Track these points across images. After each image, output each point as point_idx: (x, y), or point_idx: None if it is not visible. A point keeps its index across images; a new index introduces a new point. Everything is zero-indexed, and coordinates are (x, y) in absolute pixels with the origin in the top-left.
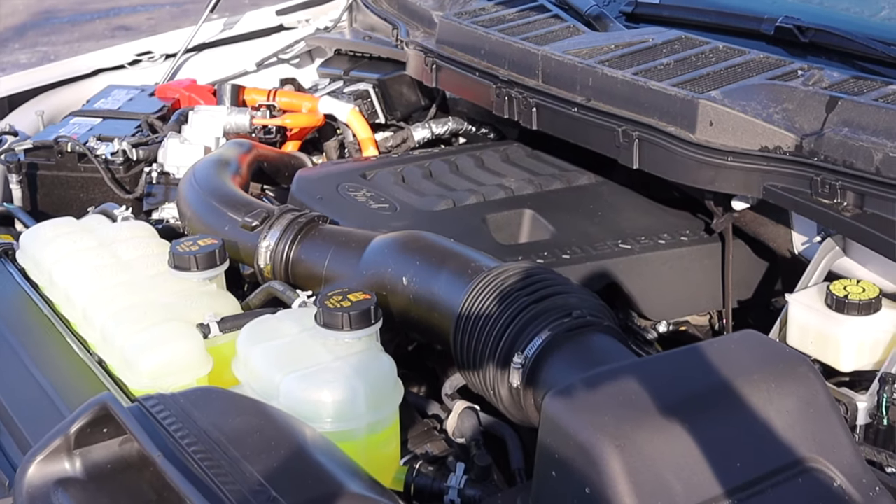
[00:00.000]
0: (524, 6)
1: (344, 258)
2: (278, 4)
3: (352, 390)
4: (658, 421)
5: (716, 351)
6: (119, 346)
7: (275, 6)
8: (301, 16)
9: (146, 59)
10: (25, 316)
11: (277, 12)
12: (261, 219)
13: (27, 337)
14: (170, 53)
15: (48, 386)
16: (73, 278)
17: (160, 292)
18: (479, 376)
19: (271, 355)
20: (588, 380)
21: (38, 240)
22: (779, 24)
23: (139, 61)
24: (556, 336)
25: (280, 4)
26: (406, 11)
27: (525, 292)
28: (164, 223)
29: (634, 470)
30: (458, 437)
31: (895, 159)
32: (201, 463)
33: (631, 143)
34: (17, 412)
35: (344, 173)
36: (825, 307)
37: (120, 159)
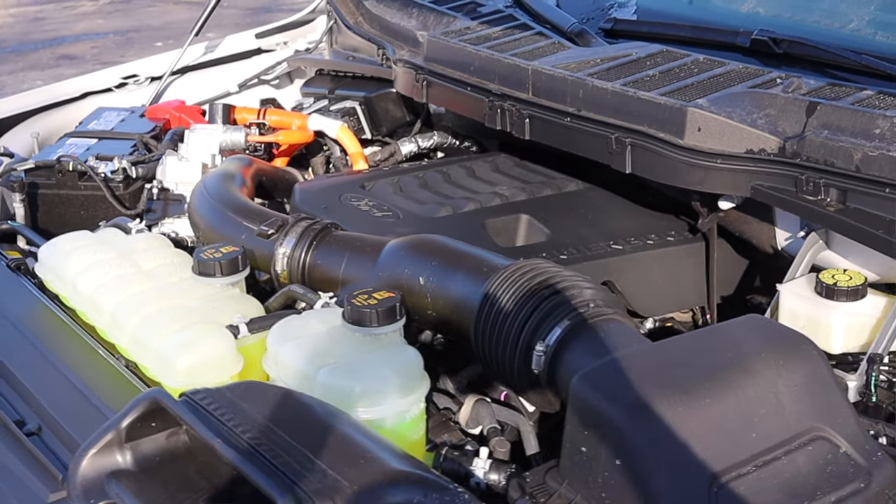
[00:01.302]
0: (508, 25)
1: (360, 262)
2: (257, 28)
3: (383, 380)
4: (680, 396)
5: (726, 332)
6: (154, 348)
7: (254, 30)
8: (279, 38)
9: (132, 81)
10: (49, 324)
11: (256, 35)
12: (276, 227)
13: (55, 343)
14: (155, 76)
15: (83, 387)
16: (98, 286)
17: (186, 297)
18: (500, 366)
19: (303, 351)
20: (612, 362)
21: (58, 252)
22: (754, 37)
23: (125, 84)
24: (575, 325)
25: (259, 28)
26: (388, 32)
27: (542, 286)
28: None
29: (661, 441)
30: (472, 427)
31: (873, 158)
32: (258, 448)
33: (623, 149)
34: (57, 412)
35: (343, 185)
36: (815, 295)
37: (120, 177)
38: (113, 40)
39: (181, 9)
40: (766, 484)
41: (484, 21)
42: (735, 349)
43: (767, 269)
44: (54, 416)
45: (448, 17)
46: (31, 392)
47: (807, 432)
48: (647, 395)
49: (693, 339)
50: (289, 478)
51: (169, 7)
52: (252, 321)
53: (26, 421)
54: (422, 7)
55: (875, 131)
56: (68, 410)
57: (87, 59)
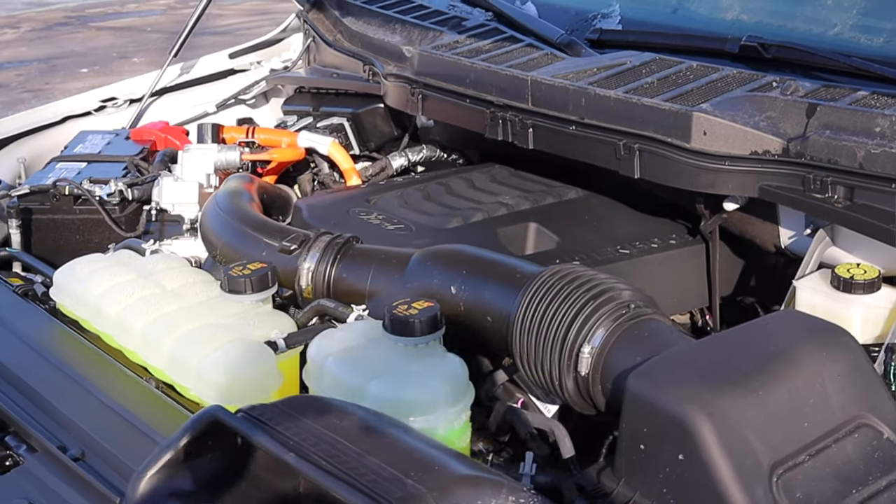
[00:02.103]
0: (496, 38)
1: (387, 274)
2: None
3: (434, 389)
4: (735, 389)
5: (767, 327)
6: (193, 367)
7: (227, 50)
8: (252, 58)
9: (111, 105)
10: (73, 348)
11: (230, 55)
12: (299, 242)
13: (82, 367)
14: (133, 98)
15: (120, 409)
16: (125, 308)
17: (219, 315)
18: (541, 371)
19: (348, 364)
20: (666, 359)
21: (75, 276)
22: (743, 43)
23: (105, 107)
24: (619, 326)
25: (232, 48)
26: (371, 48)
27: (582, 289)
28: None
29: (722, 434)
30: (502, 435)
31: (877, 155)
32: (331, 460)
33: (632, 155)
34: (100, 436)
35: (347, 199)
36: (831, 289)
37: (116, 199)
38: (37, 67)
39: (104, 35)
40: (820, 472)
41: (471, 35)
42: (779, 342)
43: (767, 268)
44: (97, 440)
45: (433, 31)
46: (68, 417)
47: (852, 420)
48: (705, 389)
49: (736, 335)
50: (369, 488)
51: (92, 34)
52: (290, 336)
53: (68, 447)
54: (405, 23)
55: (876, 129)
56: (109, 434)
57: (12, 86)
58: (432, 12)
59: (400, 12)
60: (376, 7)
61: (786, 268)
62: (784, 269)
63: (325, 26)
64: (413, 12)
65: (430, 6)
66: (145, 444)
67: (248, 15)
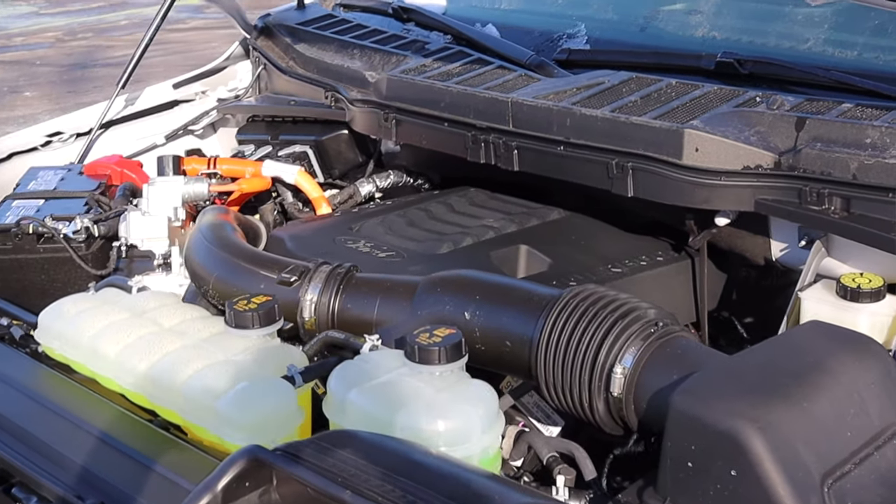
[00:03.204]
0: (464, 61)
1: (394, 303)
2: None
3: (466, 417)
4: (781, 401)
5: (797, 339)
6: (212, 407)
7: (171, 80)
8: (197, 87)
9: (57, 139)
10: (68, 393)
11: (174, 86)
12: (298, 273)
13: (84, 412)
14: (80, 132)
15: (135, 454)
16: (124, 349)
17: (227, 352)
18: (568, 394)
19: (373, 396)
20: (706, 376)
21: (63, 317)
22: (720, 59)
23: (51, 142)
24: (649, 345)
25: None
26: (329, 74)
27: (608, 310)
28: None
29: (775, 447)
30: (515, 459)
31: (870, 166)
32: (387, 496)
33: (625, 173)
34: (119, 483)
35: (329, 228)
36: (838, 298)
37: (82, 237)
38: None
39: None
40: (866, 480)
41: (437, 58)
42: (812, 354)
43: (753, 282)
44: (116, 487)
45: (396, 55)
46: (79, 464)
47: (889, 427)
48: (753, 403)
49: (768, 349)
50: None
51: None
52: (307, 370)
53: (85, 497)
54: (363, 48)
55: (866, 140)
56: (127, 480)
57: None
58: (390, 37)
59: (357, 37)
60: (330, 33)
61: (772, 280)
62: (771, 282)
63: (275, 53)
64: (370, 37)
65: (386, 31)
66: (168, 489)
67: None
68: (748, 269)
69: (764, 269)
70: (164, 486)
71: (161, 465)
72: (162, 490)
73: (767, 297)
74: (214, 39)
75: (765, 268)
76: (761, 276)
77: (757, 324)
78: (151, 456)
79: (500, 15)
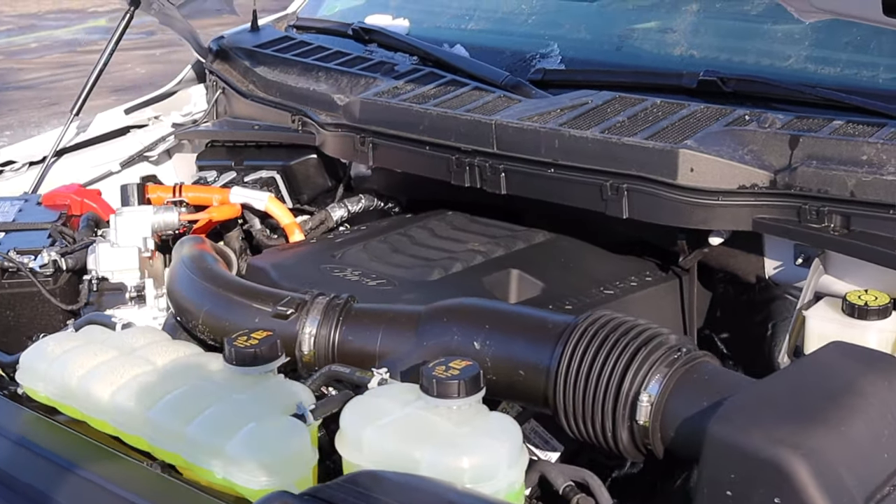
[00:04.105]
0: (438, 82)
1: (397, 334)
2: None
3: (492, 452)
4: (820, 426)
5: (823, 362)
6: (221, 449)
7: (122, 105)
8: (150, 113)
9: (9, 169)
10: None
11: (126, 111)
12: (295, 306)
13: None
14: (34, 161)
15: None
16: (118, 390)
17: (230, 390)
18: (589, 424)
19: (392, 432)
20: (740, 402)
21: (47, 358)
22: (702, 78)
23: (2, 171)
24: (675, 371)
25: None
26: (294, 98)
27: (628, 336)
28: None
29: (819, 473)
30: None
31: (868, 183)
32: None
33: (620, 195)
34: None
35: (311, 256)
36: (844, 316)
37: (50, 270)
38: None
39: None
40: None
41: (409, 80)
42: (841, 376)
43: (742, 301)
44: None
45: (365, 78)
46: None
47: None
48: (793, 429)
49: (796, 372)
50: None
51: None
52: (317, 408)
53: None
54: (329, 70)
55: (862, 158)
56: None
57: None
58: (354, 59)
59: (320, 59)
60: (291, 55)
61: (754, 297)
62: (752, 299)
63: (233, 76)
64: (334, 59)
65: (350, 53)
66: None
67: (54, 68)
68: (734, 286)
69: (748, 287)
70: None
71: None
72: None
73: (750, 314)
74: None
75: (749, 285)
76: (745, 293)
77: (738, 341)
78: (154, 500)
79: (467, 35)
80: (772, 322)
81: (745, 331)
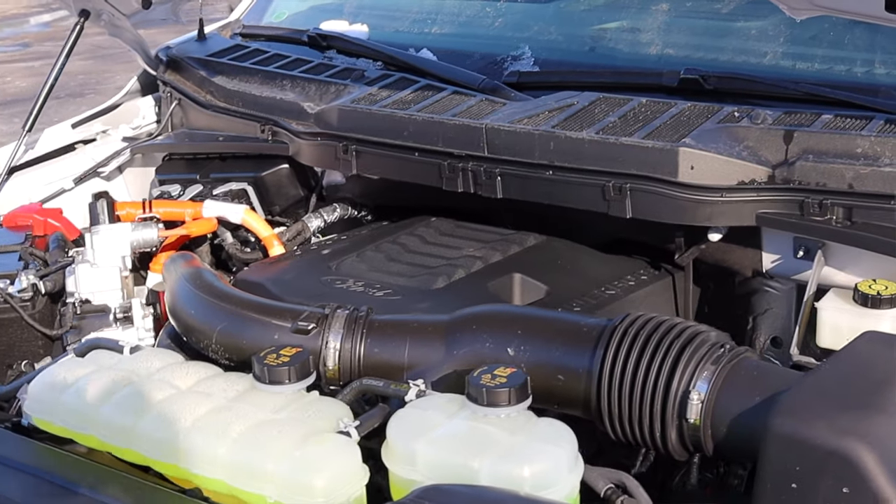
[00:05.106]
0: (414, 88)
1: (425, 344)
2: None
3: (554, 458)
4: (879, 415)
5: (862, 352)
6: (275, 472)
7: (69, 120)
8: (97, 127)
9: None
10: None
11: (73, 126)
12: (316, 320)
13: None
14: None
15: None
16: (146, 416)
17: (266, 410)
18: (636, 425)
19: (446, 444)
20: (797, 396)
21: (59, 387)
22: (683, 76)
23: None
24: (723, 369)
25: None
26: (259, 107)
27: (671, 336)
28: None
29: (884, 460)
30: None
31: (866, 175)
32: None
33: (623, 195)
34: None
35: (306, 268)
36: (856, 306)
37: (29, 294)
38: None
39: None
40: None
41: (383, 87)
42: (883, 364)
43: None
44: None
45: (335, 85)
46: None
47: None
48: (854, 419)
49: (838, 363)
50: None
51: None
52: (361, 423)
53: None
54: (293, 78)
55: (857, 150)
56: None
57: None
58: (318, 66)
59: (281, 67)
60: (250, 64)
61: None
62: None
63: (189, 86)
64: (297, 67)
65: (311, 59)
66: None
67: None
68: (730, 282)
69: (746, 282)
70: None
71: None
72: None
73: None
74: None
75: (747, 280)
76: (743, 288)
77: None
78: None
79: (431, 39)
80: (752, 315)
81: (732, 323)
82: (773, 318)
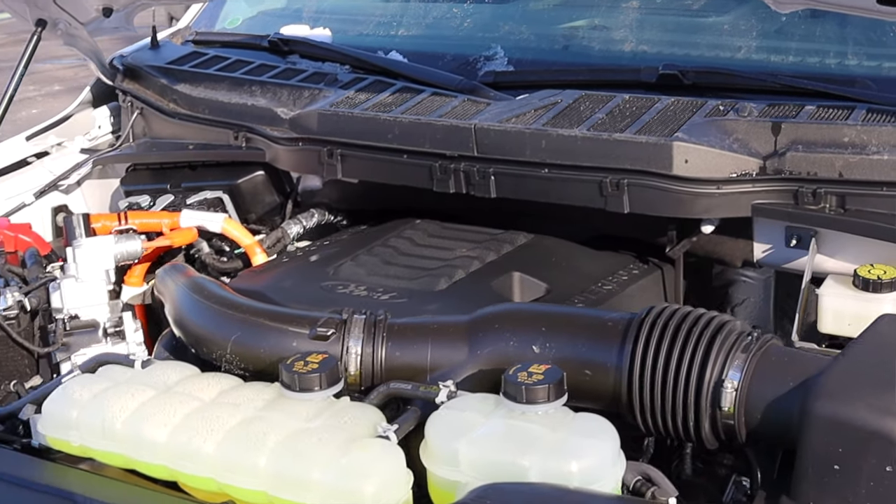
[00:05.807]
0: (392, 90)
1: (448, 345)
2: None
3: (600, 452)
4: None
5: (885, 333)
6: (322, 480)
7: (23, 133)
8: (52, 139)
9: None
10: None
11: (27, 138)
12: (334, 326)
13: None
14: None
15: None
16: (176, 430)
17: (300, 418)
18: (669, 416)
19: (490, 443)
20: (832, 380)
21: (76, 404)
22: (662, 72)
23: None
24: (753, 356)
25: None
26: (228, 114)
27: (699, 326)
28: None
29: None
30: None
31: (855, 163)
32: None
33: (620, 190)
34: None
35: (303, 274)
36: (857, 291)
37: (14, 312)
38: None
39: None
40: None
41: (359, 90)
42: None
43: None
44: None
45: (308, 90)
46: None
47: None
48: (893, 400)
49: (864, 346)
50: None
51: None
52: (399, 427)
53: None
54: (263, 84)
55: (845, 139)
56: None
57: None
58: (286, 71)
59: (248, 73)
60: (214, 70)
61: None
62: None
63: (150, 95)
64: (264, 73)
65: (276, 65)
66: None
67: None
68: (718, 273)
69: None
70: None
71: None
72: None
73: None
74: None
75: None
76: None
77: None
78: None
79: (398, 42)
80: (730, 305)
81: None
82: (750, 307)
